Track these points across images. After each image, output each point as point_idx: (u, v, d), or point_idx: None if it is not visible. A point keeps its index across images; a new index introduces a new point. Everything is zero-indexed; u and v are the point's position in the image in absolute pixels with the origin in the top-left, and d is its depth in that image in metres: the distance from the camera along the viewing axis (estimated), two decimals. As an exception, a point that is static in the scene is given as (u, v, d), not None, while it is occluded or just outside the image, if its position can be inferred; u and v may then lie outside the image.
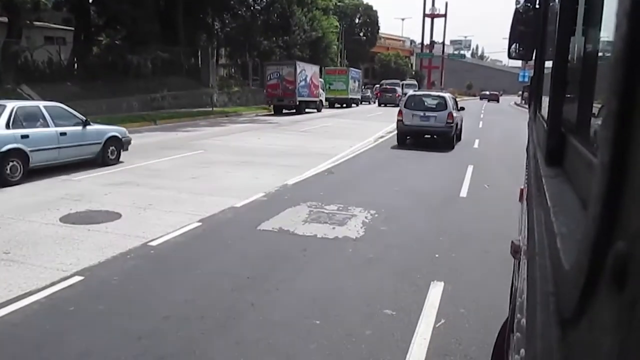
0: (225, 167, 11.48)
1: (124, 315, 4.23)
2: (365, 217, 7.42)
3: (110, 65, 26.55)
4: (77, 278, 4.95)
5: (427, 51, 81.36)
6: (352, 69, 45.17)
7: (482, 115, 35.64)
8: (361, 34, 71.98)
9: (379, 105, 44.70)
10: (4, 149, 8.93)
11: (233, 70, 41.67)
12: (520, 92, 54.15)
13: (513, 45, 4.06)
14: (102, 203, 7.82)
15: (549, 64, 2.21)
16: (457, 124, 16.80)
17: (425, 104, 16.43)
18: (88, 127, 10.84)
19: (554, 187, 1.22)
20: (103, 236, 6.24)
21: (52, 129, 9.95)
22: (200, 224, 6.92)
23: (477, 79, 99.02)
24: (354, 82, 43.76)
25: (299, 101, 31.69)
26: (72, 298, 4.52)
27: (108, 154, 11.36)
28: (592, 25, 1.35)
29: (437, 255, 5.92)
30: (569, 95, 1.70)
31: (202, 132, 19.50)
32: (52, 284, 4.78)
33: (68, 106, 10.99)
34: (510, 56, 4.21)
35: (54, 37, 29.36)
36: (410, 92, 21.88)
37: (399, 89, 46.32)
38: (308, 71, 33.97)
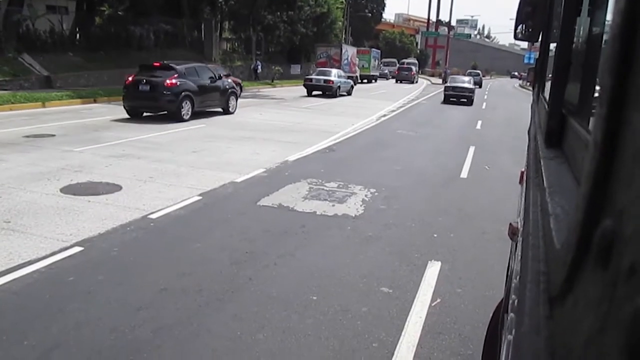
0: (226, 142, 11.46)
1: (123, 286, 4.27)
2: (365, 196, 7.43)
3: (113, 36, 26.28)
4: (77, 249, 4.99)
5: (433, 30, 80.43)
6: (373, 49, 51.94)
7: (485, 97, 35.44)
8: (366, 11, 71.09)
9: (396, 82, 50.19)
10: (338, 84, 27.30)
11: (236, 44, 41.28)
12: (525, 74, 55.03)
13: (520, 26, 4.01)
14: (102, 175, 7.83)
15: (554, 46, 2.19)
16: (481, 81, 46.87)
17: (469, 73, 45.26)
18: (349, 79, 30.04)
19: (552, 168, 1.22)
20: (103, 208, 6.27)
21: (343, 79, 28.39)
22: (200, 198, 6.94)
23: (483, 59, 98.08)
24: (375, 60, 50.36)
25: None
26: (71, 268, 4.56)
27: (352, 90, 29.86)
28: (598, 5, 1.33)
29: (435, 235, 5.95)
30: (571, 77, 1.69)
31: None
32: (52, 253, 4.82)
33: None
34: (516, 37, 4.16)
35: (56, 6, 29.01)
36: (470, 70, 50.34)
37: (414, 68, 53.45)
38: (349, 52, 43.03)
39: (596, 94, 1.21)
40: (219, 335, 3.59)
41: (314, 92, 27.29)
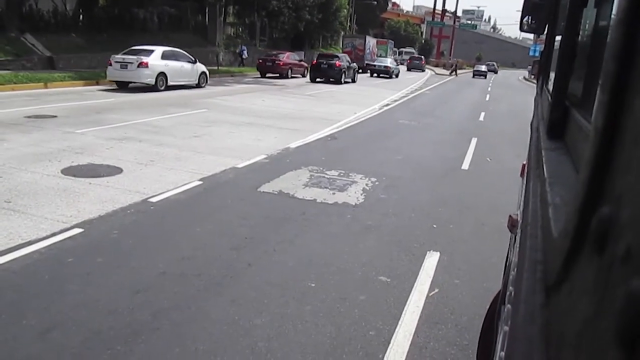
0: (228, 128, 11.45)
1: (123, 268, 4.28)
2: (366, 185, 7.43)
3: (116, 18, 26.16)
4: (77, 230, 5.00)
5: (439, 20, 79.88)
6: (390, 41, 60.78)
7: (489, 89, 35.31)
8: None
9: (408, 70, 56.65)
10: (393, 69, 39.07)
11: (240, 29, 41.06)
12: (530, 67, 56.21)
13: (526, 18, 3.99)
14: (104, 157, 7.83)
15: (560, 38, 2.17)
16: (496, 69, 69.67)
17: (488, 64, 64.12)
18: (397, 66, 41.87)
19: (553, 159, 1.21)
20: (104, 190, 6.27)
21: (394, 66, 40.04)
22: (201, 182, 6.95)
23: (488, 50, 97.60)
24: (390, 50, 58.23)
25: (366, 64, 43.34)
26: (71, 249, 4.57)
27: (399, 73, 39.85)
28: None
29: (435, 226, 5.95)
30: (576, 69, 1.68)
31: (207, 91, 19.35)
32: (53, 234, 4.84)
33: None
34: (522, 29, 4.13)
35: (59, -14, 28.81)
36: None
37: (423, 58, 62.36)
38: (371, 42, 49.26)
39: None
40: (217, 319, 3.61)
41: (374, 75, 38.41)
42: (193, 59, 19.18)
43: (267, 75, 28.99)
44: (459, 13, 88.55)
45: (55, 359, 3.05)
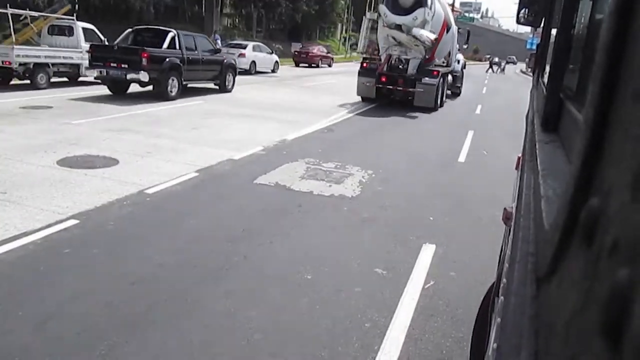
0: (224, 119, 11.42)
1: (118, 260, 4.28)
2: (363, 177, 7.43)
3: (112, 9, 26.01)
4: (73, 221, 4.99)
5: (436, 12, 79.69)
6: None
7: (486, 82, 35.30)
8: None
9: None
10: None
11: (237, 20, 40.94)
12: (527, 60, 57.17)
13: (523, 11, 3.98)
14: (100, 148, 7.81)
15: (555, 32, 2.17)
16: (515, 62, 78.16)
17: (508, 57, 73.24)
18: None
19: (547, 152, 1.22)
20: (100, 181, 6.26)
21: None
22: (197, 174, 6.94)
23: (485, 44, 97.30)
24: None
25: None
26: (67, 241, 4.57)
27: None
28: None
29: (431, 218, 5.96)
30: (571, 62, 1.68)
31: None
32: (48, 225, 4.83)
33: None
34: (519, 22, 4.12)
35: (55, -24, 28.58)
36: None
37: None
38: None
39: None
40: (213, 311, 3.61)
41: None
42: (271, 50, 27.07)
43: (300, 65, 34.27)
44: (457, 5, 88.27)
45: (51, 350, 3.05)
